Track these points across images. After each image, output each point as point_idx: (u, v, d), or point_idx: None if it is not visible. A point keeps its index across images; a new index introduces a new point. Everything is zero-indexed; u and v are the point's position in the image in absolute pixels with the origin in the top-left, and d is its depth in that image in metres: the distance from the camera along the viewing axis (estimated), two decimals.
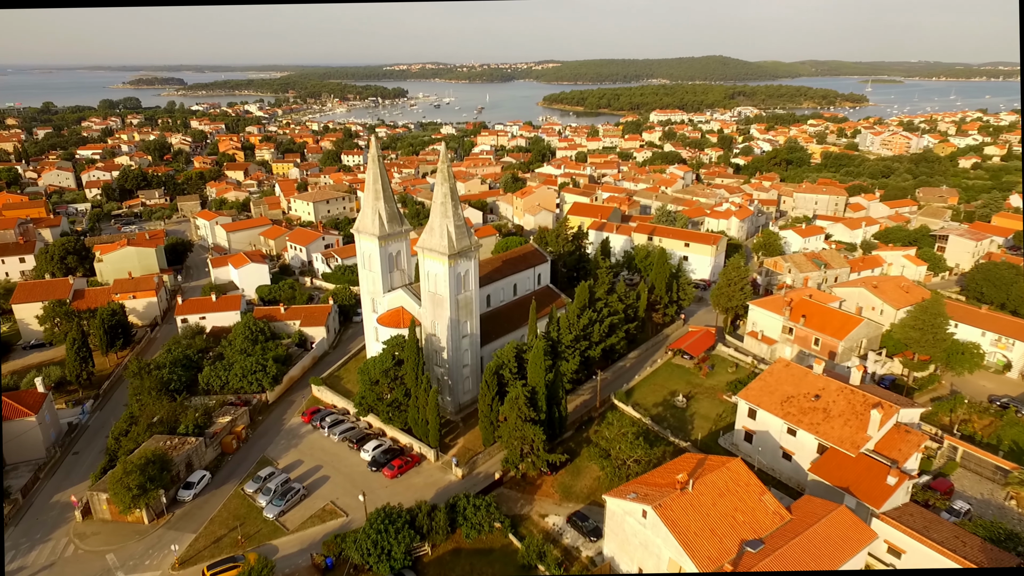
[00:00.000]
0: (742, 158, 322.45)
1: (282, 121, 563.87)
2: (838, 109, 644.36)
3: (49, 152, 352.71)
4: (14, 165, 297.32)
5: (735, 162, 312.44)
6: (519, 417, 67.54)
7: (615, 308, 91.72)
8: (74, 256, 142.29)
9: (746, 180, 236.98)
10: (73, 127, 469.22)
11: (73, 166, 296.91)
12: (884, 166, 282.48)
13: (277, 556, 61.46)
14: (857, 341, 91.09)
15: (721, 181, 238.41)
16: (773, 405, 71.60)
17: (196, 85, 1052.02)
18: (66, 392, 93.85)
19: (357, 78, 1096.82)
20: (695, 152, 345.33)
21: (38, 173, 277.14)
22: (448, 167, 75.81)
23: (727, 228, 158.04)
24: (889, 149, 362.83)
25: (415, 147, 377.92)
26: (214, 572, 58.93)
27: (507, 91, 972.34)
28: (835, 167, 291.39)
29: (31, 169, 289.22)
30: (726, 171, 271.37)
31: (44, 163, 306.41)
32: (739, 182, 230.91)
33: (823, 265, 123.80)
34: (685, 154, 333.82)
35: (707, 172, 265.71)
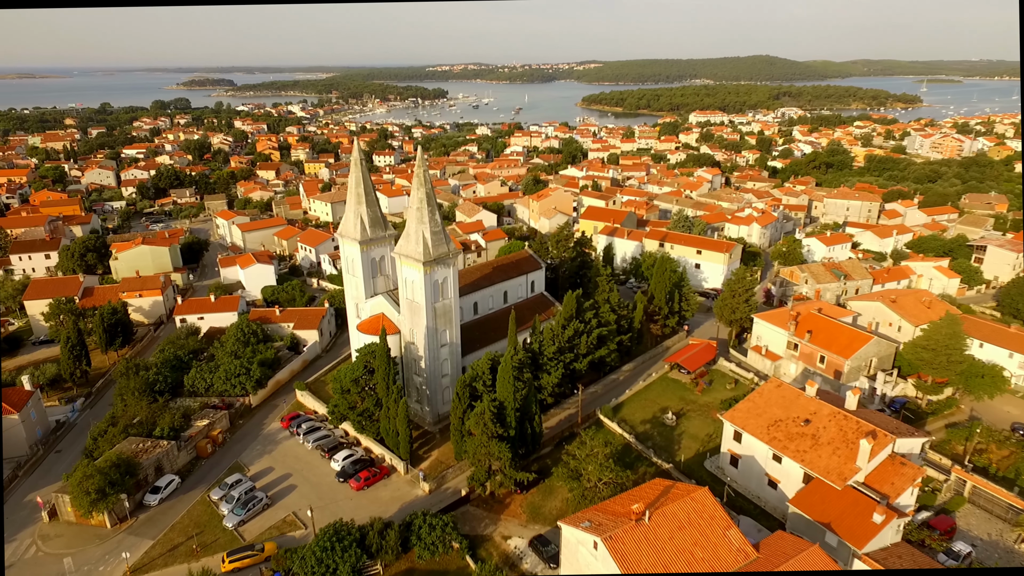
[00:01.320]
0: (780, 161, 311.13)
1: (322, 121, 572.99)
2: (889, 110, 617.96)
3: (97, 151, 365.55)
4: (61, 164, 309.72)
5: (772, 165, 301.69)
6: (485, 433, 64.77)
7: (607, 319, 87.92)
8: (94, 254, 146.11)
9: (777, 184, 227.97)
10: (125, 127, 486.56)
11: (116, 164, 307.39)
12: (931, 170, 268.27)
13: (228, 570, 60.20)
14: (866, 360, 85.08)
15: (752, 185, 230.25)
16: (759, 428, 66.97)
17: (245, 86, 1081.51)
18: (61, 389, 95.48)
19: (400, 79, 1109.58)
20: (730, 154, 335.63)
21: (82, 171, 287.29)
22: (425, 171, 73.59)
23: (748, 235, 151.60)
24: (939, 152, 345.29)
25: (448, 148, 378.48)
26: (233, 559, 59.34)
27: (547, 92, 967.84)
28: (878, 171, 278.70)
29: (76, 167, 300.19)
30: (759, 174, 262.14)
31: (90, 162, 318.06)
32: (771, 186, 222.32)
33: (843, 276, 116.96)
34: (720, 156, 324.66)
35: (739, 175, 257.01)
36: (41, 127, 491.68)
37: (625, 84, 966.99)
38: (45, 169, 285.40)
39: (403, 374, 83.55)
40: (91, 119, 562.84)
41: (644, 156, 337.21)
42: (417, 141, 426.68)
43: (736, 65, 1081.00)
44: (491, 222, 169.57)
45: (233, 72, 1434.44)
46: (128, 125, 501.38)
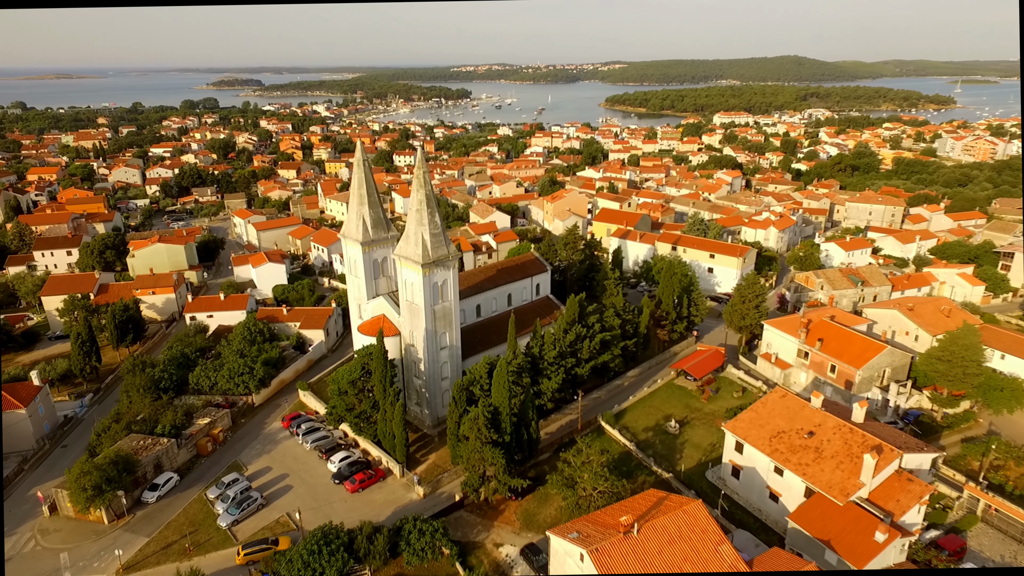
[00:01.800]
0: (804, 163, 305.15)
1: (346, 121, 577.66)
2: (920, 112, 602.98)
3: (126, 150, 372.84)
4: (90, 162, 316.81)
5: (796, 167, 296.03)
6: (479, 438, 63.91)
7: (611, 323, 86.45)
8: (112, 251, 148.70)
9: (798, 187, 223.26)
10: (154, 126, 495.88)
11: (143, 163, 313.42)
12: (961, 174, 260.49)
13: (219, 569, 60.33)
14: (879, 370, 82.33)
15: (773, 188, 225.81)
16: (761, 440, 65.07)
17: (272, 86, 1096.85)
18: (72, 385, 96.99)
19: (424, 79, 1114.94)
20: (754, 156, 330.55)
21: (109, 170, 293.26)
22: (425, 172, 72.99)
23: (764, 239, 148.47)
24: (971, 155, 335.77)
25: (468, 148, 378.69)
26: (248, 552, 59.94)
27: (570, 92, 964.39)
28: (906, 174, 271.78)
29: (104, 166, 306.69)
30: (782, 177, 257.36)
31: (117, 160, 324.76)
32: (792, 189, 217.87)
33: (860, 282, 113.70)
34: (743, 158, 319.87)
35: (761, 178, 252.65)
36: (75, 126, 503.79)
37: (650, 84, 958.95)
38: (74, 167, 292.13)
39: (403, 376, 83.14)
40: (122, 118, 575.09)
41: (666, 158, 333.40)
42: (438, 141, 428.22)
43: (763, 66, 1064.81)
44: (504, 223, 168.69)
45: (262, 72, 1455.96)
46: (157, 124, 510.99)
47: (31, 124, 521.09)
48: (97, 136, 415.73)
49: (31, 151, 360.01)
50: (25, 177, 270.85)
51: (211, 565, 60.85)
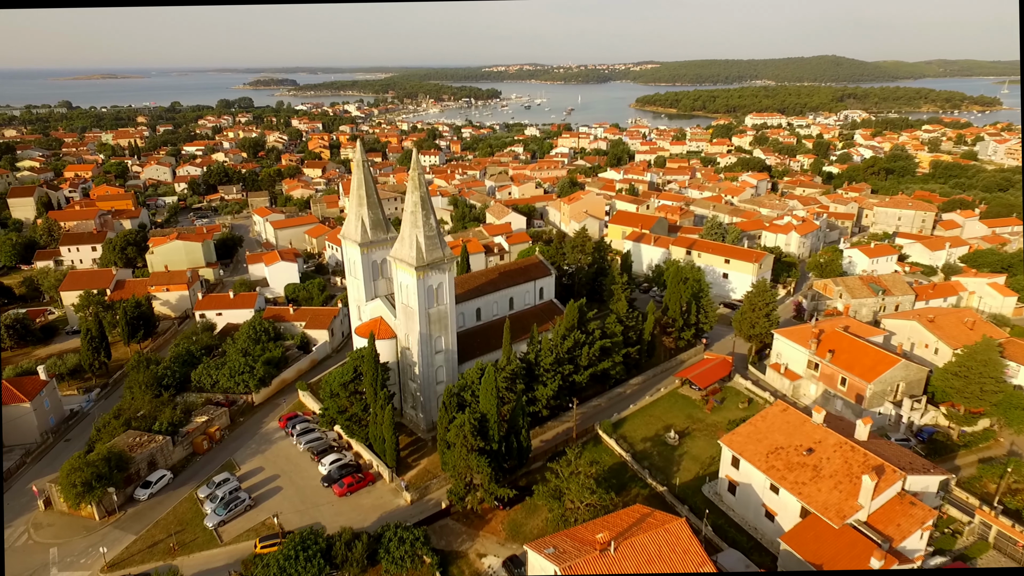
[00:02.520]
0: (836, 166, 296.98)
1: (375, 121, 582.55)
2: (963, 113, 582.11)
3: (161, 148, 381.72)
4: (125, 159, 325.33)
5: (828, 170, 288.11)
6: (464, 446, 62.72)
7: (612, 330, 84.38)
8: (133, 247, 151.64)
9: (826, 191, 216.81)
10: (190, 125, 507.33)
11: (176, 160, 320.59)
12: (1003, 178, 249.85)
13: (202, 569, 60.30)
14: (892, 384, 78.68)
15: (801, 191, 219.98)
16: (757, 455, 62.48)
17: (306, 86, 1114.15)
18: (81, 379, 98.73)
19: (456, 79, 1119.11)
20: (784, 158, 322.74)
21: (142, 167, 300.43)
22: (419, 174, 72.06)
23: (785, 244, 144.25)
24: (1015, 158, 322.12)
25: (494, 148, 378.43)
26: (265, 544, 60.00)
27: (601, 92, 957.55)
28: (943, 178, 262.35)
29: (137, 163, 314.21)
30: (811, 180, 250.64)
31: (151, 158, 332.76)
32: (820, 192, 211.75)
33: (881, 291, 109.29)
34: (772, 160, 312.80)
35: (789, 181, 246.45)
36: (115, 124, 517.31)
37: (682, 85, 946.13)
38: (109, 165, 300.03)
39: (399, 380, 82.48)
40: (161, 117, 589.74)
41: (694, 159, 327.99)
42: (465, 141, 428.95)
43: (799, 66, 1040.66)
44: (520, 224, 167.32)
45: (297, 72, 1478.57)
46: (193, 123, 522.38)
47: (75, 123, 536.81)
48: (135, 134, 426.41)
49: (71, 149, 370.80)
50: (62, 174, 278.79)
51: (194, 565, 60.94)
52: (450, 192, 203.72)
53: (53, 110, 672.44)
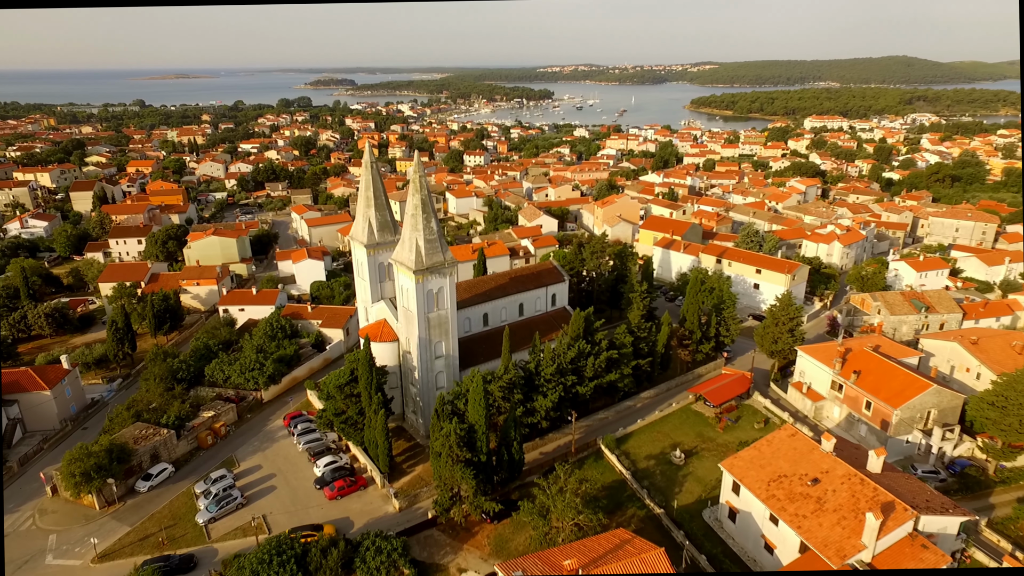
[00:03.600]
0: (898, 172, 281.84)
1: (427, 120, 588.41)
2: None
3: (219, 145, 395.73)
4: (183, 156, 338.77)
5: (887, 176, 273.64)
6: (450, 457, 61.14)
7: (621, 341, 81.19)
8: (174, 241, 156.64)
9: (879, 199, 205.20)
10: (250, 123, 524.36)
11: (230, 157, 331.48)
12: None
13: None
14: (921, 411, 72.78)
15: (855, 198, 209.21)
16: (759, 482, 58.53)
17: (364, 85, 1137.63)
18: (108, 369, 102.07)
19: (510, 79, 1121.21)
20: (840, 164, 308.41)
21: (198, 163, 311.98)
22: (421, 176, 70.93)
23: (827, 254, 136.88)
24: None
25: (540, 149, 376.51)
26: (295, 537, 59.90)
27: (656, 93, 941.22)
28: (1016, 186, 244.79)
29: (194, 160, 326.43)
30: (867, 187, 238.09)
31: (208, 155, 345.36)
32: (873, 200, 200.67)
33: (924, 308, 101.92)
34: (828, 165, 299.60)
35: (843, 187, 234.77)
36: (182, 122, 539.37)
37: (741, 86, 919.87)
38: (168, 161, 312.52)
39: (401, 383, 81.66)
40: (224, 115, 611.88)
41: (745, 163, 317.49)
42: (512, 142, 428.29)
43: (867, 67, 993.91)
44: (551, 227, 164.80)
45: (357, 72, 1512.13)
46: (253, 121, 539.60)
47: (145, 120, 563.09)
48: (197, 132, 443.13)
49: (137, 145, 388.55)
50: (125, 169, 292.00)
51: None
52: (485, 193, 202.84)
53: (127, 108, 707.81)
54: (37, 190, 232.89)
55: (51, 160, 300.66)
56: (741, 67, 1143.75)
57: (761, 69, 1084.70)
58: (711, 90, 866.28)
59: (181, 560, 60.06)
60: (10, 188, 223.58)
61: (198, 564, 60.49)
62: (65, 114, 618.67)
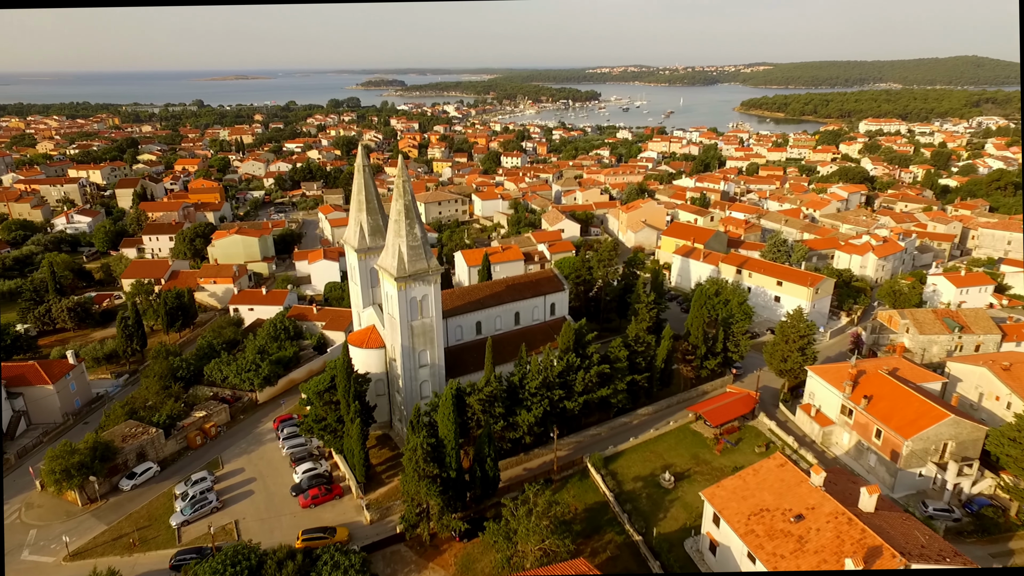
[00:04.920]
0: (956, 179, 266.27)
1: (471, 121, 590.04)
2: None
3: (265, 144, 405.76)
4: (229, 155, 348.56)
5: (944, 183, 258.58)
6: (416, 472, 59.15)
7: (616, 355, 77.65)
8: (201, 239, 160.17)
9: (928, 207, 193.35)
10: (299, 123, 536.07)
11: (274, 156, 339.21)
12: None
13: (151, 569, 60.62)
14: (936, 442, 66.82)
15: (903, 207, 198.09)
16: (739, 516, 54.42)
17: (413, 86, 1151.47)
18: (118, 364, 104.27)
19: (558, 80, 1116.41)
20: (893, 169, 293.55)
21: (242, 162, 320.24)
22: (404, 181, 69.24)
23: (860, 266, 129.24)
24: None
25: (581, 151, 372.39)
26: (307, 539, 60.87)
27: (706, 95, 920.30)
28: None
29: (238, 159, 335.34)
30: (918, 194, 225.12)
31: (253, 153, 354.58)
32: (921, 208, 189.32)
33: (957, 327, 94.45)
34: (879, 171, 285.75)
35: (891, 194, 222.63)
36: (235, 122, 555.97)
37: (796, 88, 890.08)
38: (214, 159, 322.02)
39: (388, 391, 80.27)
40: (275, 115, 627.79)
41: (791, 167, 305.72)
42: (552, 143, 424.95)
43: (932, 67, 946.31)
44: (573, 232, 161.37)
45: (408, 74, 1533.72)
46: (302, 121, 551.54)
47: (201, 120, 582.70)
48: (248, 131, 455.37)
49: (188, 144, 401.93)
50: (172, 167, 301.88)
51: (148, 564, 61.49)
52: (511, 196, 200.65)
53: (186, 108, 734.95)
54: (86, 187, 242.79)
55: (106, 158, 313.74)
56: (796, 68, 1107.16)
57: (818, 70, 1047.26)
58: (763, 92, 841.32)
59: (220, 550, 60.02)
60: (62, 185, 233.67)
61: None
62: (129, 113, 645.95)
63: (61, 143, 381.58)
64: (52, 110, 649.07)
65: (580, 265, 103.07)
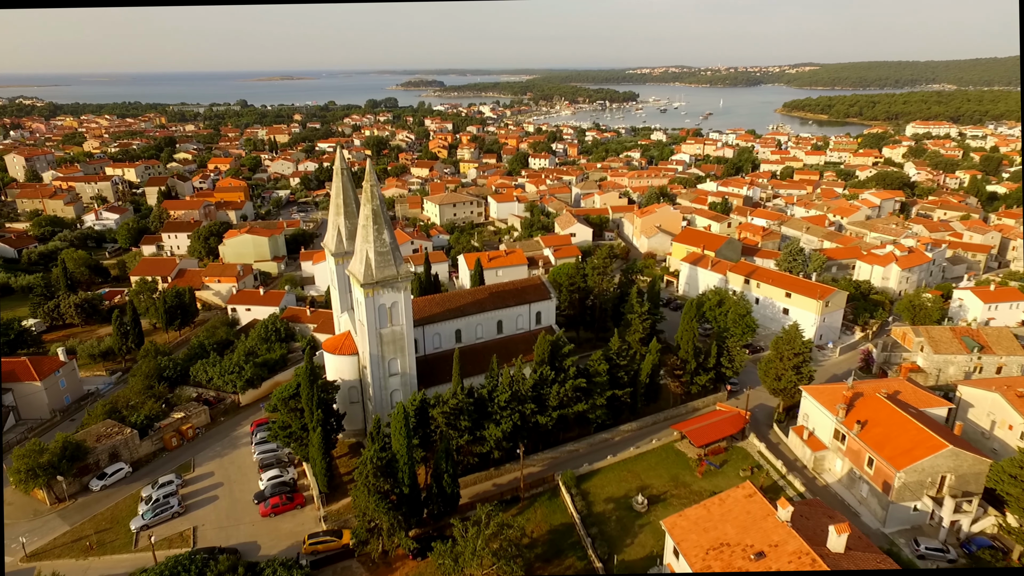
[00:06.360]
0: (1005, 185, 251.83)
1: (504, 122, 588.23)
2: None
3: (298, 144, 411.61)
4: (261, 154, 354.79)
5: (992, 189, 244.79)
6: (366, 486, 57.13)
7: (596, 368, 74.26)
8: (215, 238, 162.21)
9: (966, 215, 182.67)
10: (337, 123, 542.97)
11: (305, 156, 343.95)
12: None
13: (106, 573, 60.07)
14: (933, 475, 61.51)
15: (941, 214, 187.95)
16: (697, 549, 50.65)
17: (451, 87, 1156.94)
18: (114, 362, 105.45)
19: (597, 81, 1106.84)
20: (938, 175, 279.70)
21: (272, 161, 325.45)
22: (373, 185, 67.40)
23: (882, 278, 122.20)
24: None
25: (611, 153, 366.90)
26: (314, 542, 60.71)
27: (747, 96, 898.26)
28: None
29: (269, 158, 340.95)
30: (961, 201, 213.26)
31: (285, 153, 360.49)
32: (960, 216, 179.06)
33: (977, 347, 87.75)
34: (923, 176, 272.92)
35: (930, 201, 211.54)
36: (275, 121, 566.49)
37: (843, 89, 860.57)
38: (246, 159, 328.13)
39: (362, 398, 78.57)
40: (314, 115, 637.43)
41: (828, 172, 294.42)
42: (584, 144, 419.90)
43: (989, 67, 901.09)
44: (585, 237, 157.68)
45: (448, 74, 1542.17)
46: (339, 121, 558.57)
47: (242, 119, 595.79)
48: (285, 131, 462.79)
49: (225, 143, 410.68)
50: (206, 166, 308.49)
51: (100, 568, 61.03)
52: (528, 198, 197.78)
53: (230, 108, 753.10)
54: (119, 184, 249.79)
55: (143, 156, 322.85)
56: (844, 68, 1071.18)
57: (866, 71, 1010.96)
58: (808, 93, 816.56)
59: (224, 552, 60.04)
60: (96, 182, 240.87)
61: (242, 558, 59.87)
62: (175, 113, 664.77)
63: (107, 141, 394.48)
64: (105, 109, 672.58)
65: (575, 272, 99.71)
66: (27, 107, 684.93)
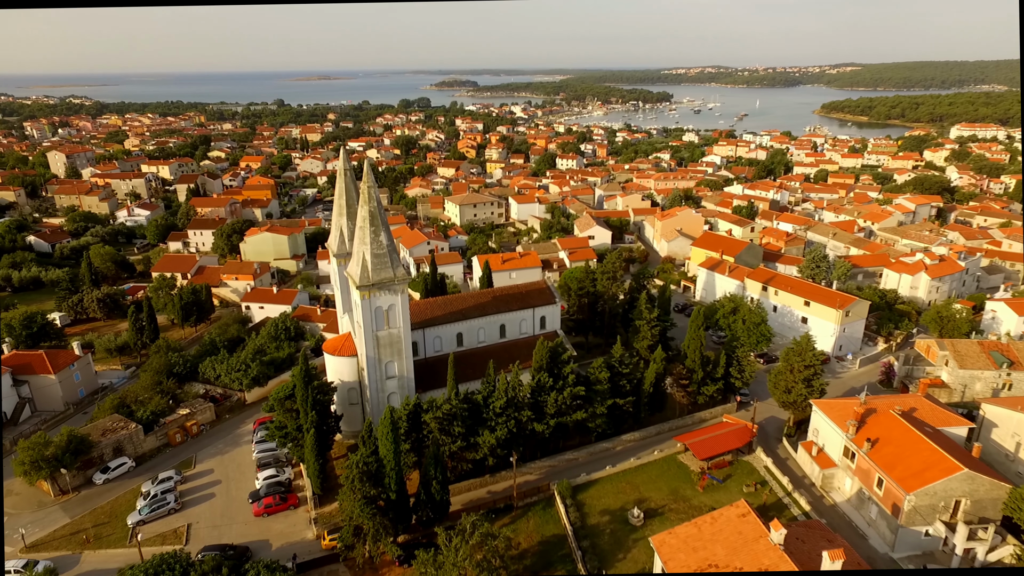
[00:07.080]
0: None
1: (535, 123, 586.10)
2: None
3: (329, 143, 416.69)
4: (292, 152, 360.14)
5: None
6: (351, 491, 56.57)
7: (596, 376, 72.52)
8: (237, 235, 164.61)
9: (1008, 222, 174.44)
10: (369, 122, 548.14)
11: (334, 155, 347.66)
12: None
13: (95, 568, 60.86)
14: (946, 499, 58.16)
15: (981, 220, 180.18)
16: (683, 570, 48.66)
17: (485, 87, 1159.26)
18: (131, 356, 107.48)
19: (631, 81, 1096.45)
20: (981, 179, 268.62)
21: (301, 160, 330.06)
22: (370, 187, 66.88)
23: (911, 287, 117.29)
24: None
25: (640, 154, 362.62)
26: (333, 538, 61.05)
27: (785, 97, 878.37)
28: None
29: (299, 156, 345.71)
30: (1004, 207, 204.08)
31: (315, 151, 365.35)
32: (1000, 223, 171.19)
33: (1006, 362, 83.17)
34: (965, 181, 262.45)
35: (972, 206, 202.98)
36: (309, 120, 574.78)
37: (885, 90, 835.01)
38: (277, 157, 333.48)
39: (361, 400, 78.24)
40: (348, 114, 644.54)
41: (865, 175, 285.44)
42: (614, 145, 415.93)
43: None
44: (604, 239, 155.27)
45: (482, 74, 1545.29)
46: (372, 120, 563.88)
47: (278, 118, 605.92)
48: (318, 130, 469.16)
49: (258, 141, 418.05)
50: (238, 164, 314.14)
51: (94, 562, 61.80)
52: (549, 199, 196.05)
53: (267, 107, 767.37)
54: (152, 181, 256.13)
55: (178, 154, 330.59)
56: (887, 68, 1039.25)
57: (911, 71, 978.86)
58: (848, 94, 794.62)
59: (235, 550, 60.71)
60: (131, 179, 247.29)
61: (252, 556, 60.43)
62: (214, 112, 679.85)
63: (147, 139, 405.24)
64: (148, 108, 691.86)
65: (584, 277, 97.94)
66: (76, 106, 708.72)
